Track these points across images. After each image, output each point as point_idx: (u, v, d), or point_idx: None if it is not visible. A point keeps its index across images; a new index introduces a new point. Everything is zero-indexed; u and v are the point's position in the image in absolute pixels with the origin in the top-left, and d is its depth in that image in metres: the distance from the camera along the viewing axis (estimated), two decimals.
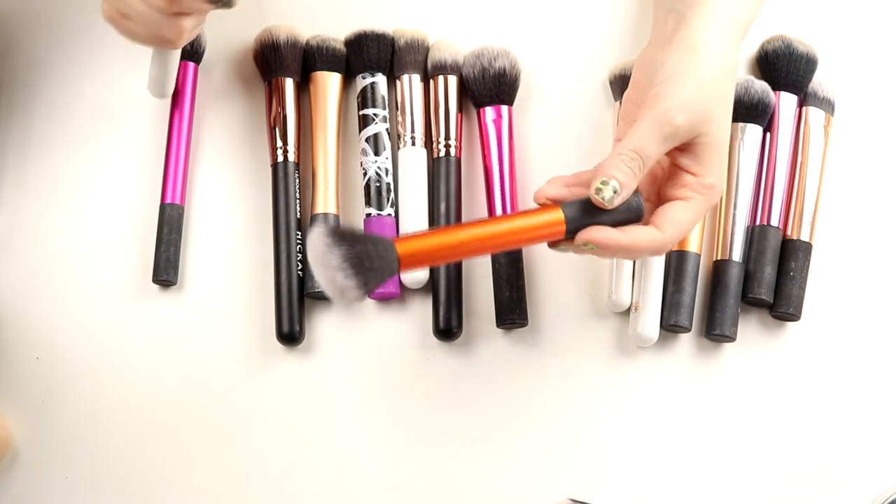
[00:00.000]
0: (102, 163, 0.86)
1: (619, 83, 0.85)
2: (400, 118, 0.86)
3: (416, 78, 0.86)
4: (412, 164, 0.84)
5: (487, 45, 0.86)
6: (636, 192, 0.72)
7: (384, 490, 0.80)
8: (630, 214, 0.72)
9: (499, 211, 0.83)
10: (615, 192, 0.71)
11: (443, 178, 0.84)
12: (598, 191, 0.71)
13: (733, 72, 0.75)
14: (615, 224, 0.72)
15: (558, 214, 0.71)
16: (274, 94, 0.86)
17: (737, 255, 0.82)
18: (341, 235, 0.66)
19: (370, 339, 0.83)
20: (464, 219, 0.84)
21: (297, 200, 0.84)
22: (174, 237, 0.83)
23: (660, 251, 0.74)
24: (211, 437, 0.81)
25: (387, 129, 0.85)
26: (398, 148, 0.85)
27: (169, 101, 0.86)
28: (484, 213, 0.84)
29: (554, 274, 0.84)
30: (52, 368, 0.82)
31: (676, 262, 0.82)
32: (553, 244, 0.73)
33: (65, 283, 0.84)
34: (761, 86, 0.85)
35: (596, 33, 0.89)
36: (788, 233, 0.83)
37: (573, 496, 0.77)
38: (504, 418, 0.81)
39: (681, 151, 0.74)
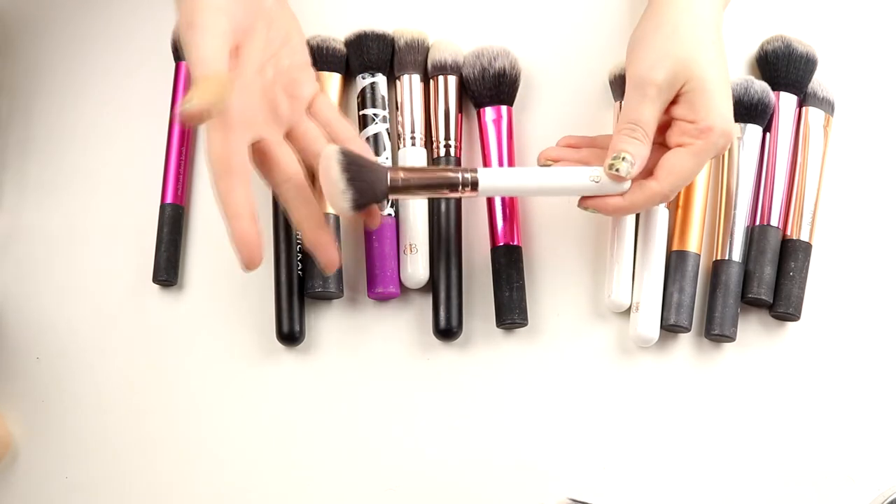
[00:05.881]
0: (102, 163, 0.86)
1: (619, 83, 0.85)
2: (400, 118, 0.86)
3: (416, 78, 0.86)
4: (412, 164, 0.84)
5: (487, 45, 0.86)
6: None
7: (384, 490, 0.80)
8: None
9: (498, 211, 0.83)
10: (629, 162, 0.75)
11: None
12: (612, 166, 0.75)
13: (710, 20, 0.77)
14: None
15: None
16: None
17: (736, 255, 0.82)
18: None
19: (370, 339, 0.83)
20: (463, 220, 0.84)
21: None
22: (174, 237, 0.84)
23: (660, 201, 0.77)
24: (211, 436, 0.81)
25: (387, 130, 0.85)
26: (398, 148, 0.85)
27: (169, 101, 0.86)
28: (483, 213, 0.84)
29: (554, 274, 0.84)
30: (52, 368, 0.82)
31: (676, 262, 0.82)
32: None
33: (65, 284, 0.84)
34: (761, 86, 0.85)
35: (596, 33, 0.89)
36: (788, 233, 0.83)
37: (573, 496, 0.77)
38: (504, 418, 0.81)
39: (674, 104, 0.77)
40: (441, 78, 0.86)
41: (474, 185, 0.76)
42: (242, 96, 0.74)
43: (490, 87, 0.85)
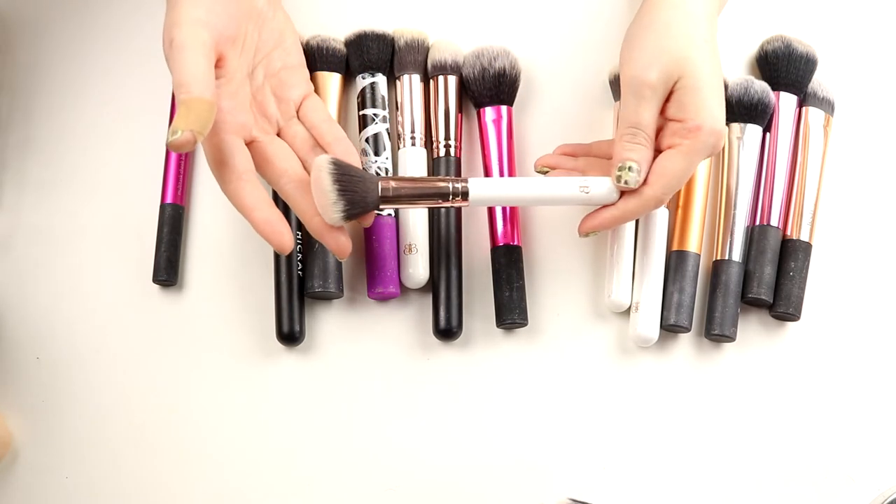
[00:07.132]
0: (102, 163, 0.86)
1: (619, 83, 0.85)
2: (400, 118, 0.86)
3: (416, 78, 0.86)
4: (412, 164, 0.84)
5: (487, 45, 0.86)
6: None
7: (384, 490, 0.80)
8: None
9: (498, 211, 0.83)
10: (636, 171, 0.75)
11: None
12: (620, 178, 0.75)
13: (703, 17, 0.76)
14: None
15: None
16: None
17: (736, 255, 0.82)
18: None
19: (370, 339, 0.83)
20: (463, 220, 0.84)
21: None
22: (174, 237, 0.84)
23: (654, 206, 0.77)
24: (211, 436, 0.81)
25: (387, 130, 0.85)
26: (398, 148, 0.85)
27: (169, 101, 0.86)
28: (483, 214, 0.84)
29: (554, 274, 0.84)
30: (52, 368, 0.82)
31: (676, 262, 0.82)
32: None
33: (65, 283, 0.84)
34: (761, 86, 0.85)
35: (596, 33, 0.89)
36: (788, 233, 0.83)
37: (573, 496, 0.77)
38: (503, 418, 0.81)
39: (665, 103, 0.76)
40: (441, 78, 0.86)
41: (465, 196, 0.76)
42: (232, 102, 0.75)
43: (490, 87, 0.85)
